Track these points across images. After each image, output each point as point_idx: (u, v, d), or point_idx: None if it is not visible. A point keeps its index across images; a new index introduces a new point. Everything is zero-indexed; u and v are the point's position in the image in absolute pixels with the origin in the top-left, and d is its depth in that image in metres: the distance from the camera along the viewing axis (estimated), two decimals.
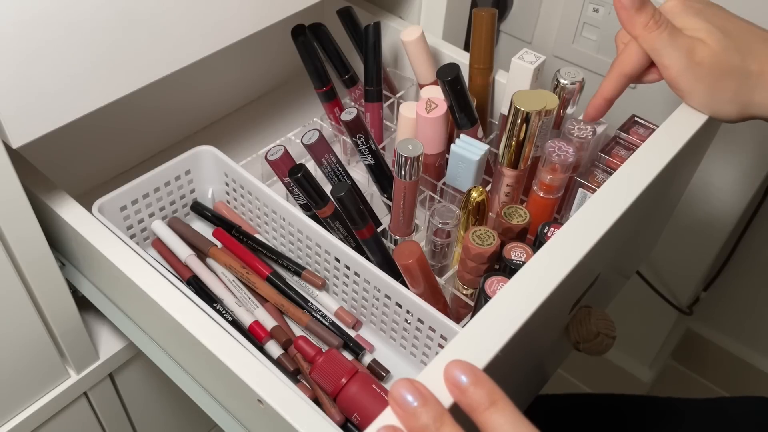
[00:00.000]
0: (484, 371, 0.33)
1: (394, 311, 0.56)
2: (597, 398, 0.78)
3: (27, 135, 0.45)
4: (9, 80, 0.42)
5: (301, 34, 0.66)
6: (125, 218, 0.61)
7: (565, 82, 0.59)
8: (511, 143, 0.55)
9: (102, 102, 0.48)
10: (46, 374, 0.61)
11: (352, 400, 0.50)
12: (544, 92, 0.57)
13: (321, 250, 0.59)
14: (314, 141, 0.60)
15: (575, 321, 0.55)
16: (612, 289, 0.71)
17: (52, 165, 0.59)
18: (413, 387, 0.32)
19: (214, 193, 0.67)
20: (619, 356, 1.26)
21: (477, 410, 0.31)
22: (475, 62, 0.64)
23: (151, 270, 0.51)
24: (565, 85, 0.59)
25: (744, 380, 1.27)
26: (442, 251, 0.58)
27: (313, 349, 0.54)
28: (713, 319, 1.26)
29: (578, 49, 0.90)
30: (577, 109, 0.63)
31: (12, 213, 0.48)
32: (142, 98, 0.54)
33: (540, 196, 0.57)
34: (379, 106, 0.69)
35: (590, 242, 0.42)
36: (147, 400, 0.76)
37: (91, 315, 0.65)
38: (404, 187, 0.57)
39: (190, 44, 0.51)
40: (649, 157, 0.47)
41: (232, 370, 0.45)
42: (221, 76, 0.76)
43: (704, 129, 0.51)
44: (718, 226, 0.98)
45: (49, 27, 0.42)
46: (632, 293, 1.09)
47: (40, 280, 0.54)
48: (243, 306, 0.59)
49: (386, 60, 0.75)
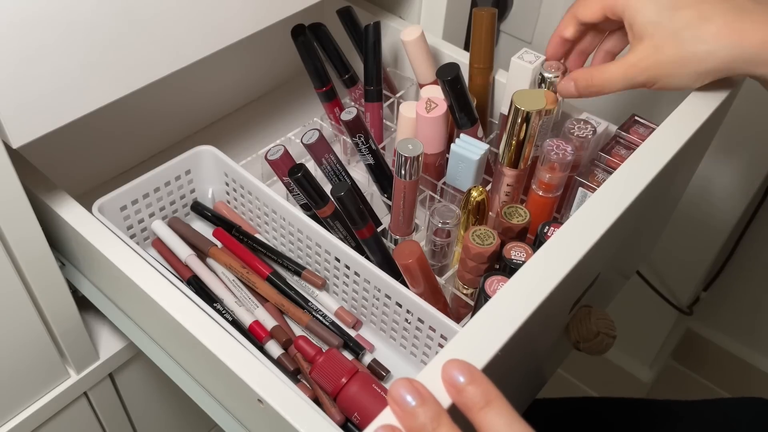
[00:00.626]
0: (483, 371, 0.33)
1: (394, 311, 0.56)
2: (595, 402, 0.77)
3: (27, 135, 0.45)
4: (9, 80, 0.42)
5: (301, 34, 0.66)
6: (125, 218, 0.61)
7: (550, 75, 0.59)
8: (511, 143, 0.55)
9: (102, 102, 0.48)
10: (46, 374, 0.61)
11: (352, 400, 0.50)
12: (544, 92, 0.57)
13: (321, 250, 0.59)
14: (314, 141, 0.60)
15: (575, 320, 0.55)
16: (612, 289, 0.71)
17: (52, 165, 0.59)
18: (412, 387, 0.32)
19: (214, 193, 0.67)
20: (619, 356, 1.26)
21: (473, 409, 0.31)
22: (475, 62, 0.64)
23: (151, 270, 0.51)
24: (550, 78, 0.59)
25: (744, 380, 1.27)
26: (442, 251, 0.58)
27: (313, 349, 0.54)
28: (713, 319, 1.26)
29: None
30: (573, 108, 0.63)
31: (12, 213, 0.48)
32: (142, 98, 0.55)
33: (539, 195, 0.57)
34: (379, 106, 0.69)
35: (590, 242, 0.42)
36: (147, 400, 0.76)
37: (91, 315, 0.65)
38: (404, 187, 0.57)
39: (190, 44, 0.51)
40: (649, 157, 0.47)
41: (232, 370, 0.45)
42: (221, 76, 0.76)
43: (704, 128, 0.51)
44: (718, 226, 0.98)
45: (49, 27, 0.42)
46: (632, 293, 1.09)
47: (40, 280, 0.54)
48: (243, 306, 0.59)
49: (386, 60, 0.75)
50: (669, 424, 0.73)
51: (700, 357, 1.32)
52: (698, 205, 0.97)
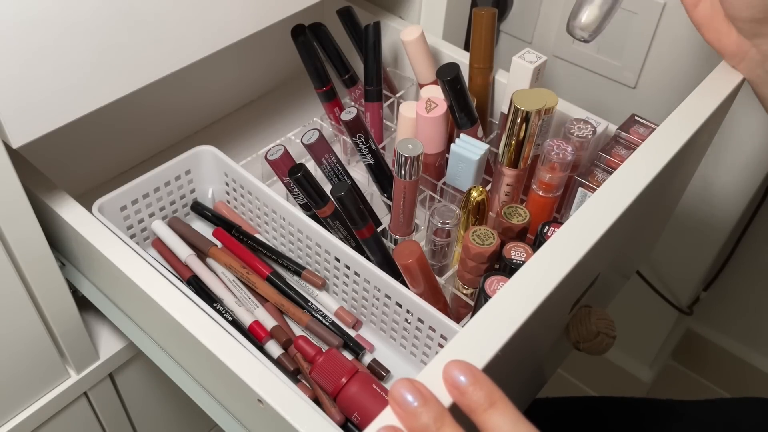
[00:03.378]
0: (483, 371, 0.33)
1: (394, 311, 0.56)
2: (596, 401, 0.77)
3: (27, 135, 0.45)
4: (9, 80, 0.42)
5: (301, 34, 0.66)
6: (125, 218, 0.61)
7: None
8: (510, 143, 0.55)
9: (102, 102, 0.48)
10: (46, 374, 0.61)
11: (352, 400, 0.50)
12: (544, 91, 0.57)
13: (321, 250, 0.59)
14: (314, 141, 0.60)
15: (575, 321, 0.55)
16: (612, 289, 0.71)
17: (52, 165, 0.59)
18: (413, 387, 0.32)
19: (214, 193, 0.67)
20: (619, 356, 1.26)
21: (476, 411, 0.31)
22: (475, 62, 0.64)
23: (151, 270, 0.51)
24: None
25: (744, 380, 1.27)
26: (442, 251, 0.58)
27: (313, 349, 0.54)
28: (713, 319, 1.26)
29: (578, 49, 0.90)
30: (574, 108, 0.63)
31: (12, 213, 0.48)
32: (142, 98, 0.55)
33: (539, 195, 0.57)
34: (379, 106, 0.69)
35: (590, 242, 0.42)
36: (147, 400, 0.76)
37: (91, 315, 0.65)
38: (404, 187, 0.57)
39: (190, 44, 0.51)
40: (649, 157, 0.47)
41: (232, 370, 0.45)
42: (221, 76, 0.76)
43: (704, 128, 0.51)
44: (718, 226, 0.98)
45: (50, 27, 0.42)
46: (632, 293, 1.09)
47: (40, 280, 0.54)
48: (243, 306, 0.59)
49: (386, 60, 0.75)
50: (670, 423, 0.73)
51: (700, 357, 1.32)
52: (698, 205, 0.97)
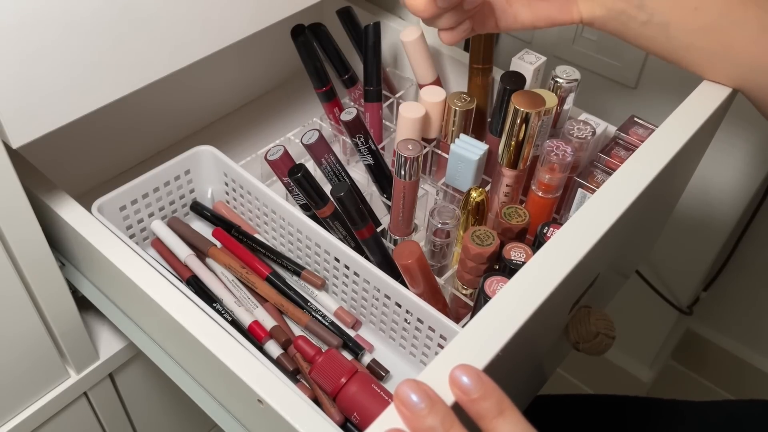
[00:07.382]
0: (484, 371, 0.33)
1: (393, 311, 0.56)
2: (597, 398, 0.77)
3: (27, 135, 0.45)
4: (9, 80, 0.42)
5: (301, 34, 0.66)
6: (125, 218, 0.61)
7: (562, 80, 0.59)
8: (510, 143, 0.55)
9: (102, 102, 0.48)
10: (46, 374, 0.61)
11: (351, 400, 0.50)
12: (544, 92, 0.57)
13: (321, 250, 0.59)
14: (314, 141, 0.60)
15: (575, 321, 0.55)
16: (612, 289, 0.71)
17: (52, 165, 0.59)
18: (419, 388, 0.32)
19: (214, 193, 0.67)
20: (619, 356, 1.26)
21: (486, 418, 0.31)
22: (475, 62, 0.64)
23: (150, 270, 0.51)
24: (561, 83, 0.59)
25: (744, 380, 1.27)
26: (441, 251, 0.58)
27: (312, 349, 0.54)
28: (713, 319, 1.26)
29: (578, 49, 0.90)
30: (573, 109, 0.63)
31: (12, 213, 0.48)
32: (142, 98, 0.55)
33: (539, 196, 0.57)
34: (379, 106, 0.69)
35: (590, 242, 0.42)
36: (147, 400, 0.76)
37: (91, 315, 0.65)
38: (404, 187, 0.57)
39: (190, 44, 0.51)
40: (649, 158, 0.47)
41: (232, 370, 0.45)
42: (221, 76, 0.76)
43: (704, 129, 0.51)
44: (718, 226, 0.98)
45: (49, 27, 0.42)
46: (632, 293, 1.09)
47: (40, 280, 0.54)
48: (242, 306, 0.59)
49: (386, 60, 0.75)
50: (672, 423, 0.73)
51: (699, 357, 1.32)
52: (698, 205, 0.97)
